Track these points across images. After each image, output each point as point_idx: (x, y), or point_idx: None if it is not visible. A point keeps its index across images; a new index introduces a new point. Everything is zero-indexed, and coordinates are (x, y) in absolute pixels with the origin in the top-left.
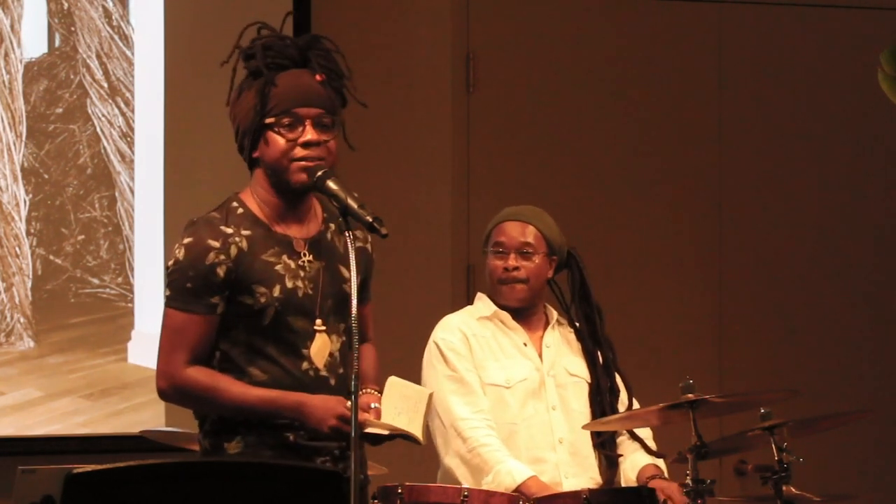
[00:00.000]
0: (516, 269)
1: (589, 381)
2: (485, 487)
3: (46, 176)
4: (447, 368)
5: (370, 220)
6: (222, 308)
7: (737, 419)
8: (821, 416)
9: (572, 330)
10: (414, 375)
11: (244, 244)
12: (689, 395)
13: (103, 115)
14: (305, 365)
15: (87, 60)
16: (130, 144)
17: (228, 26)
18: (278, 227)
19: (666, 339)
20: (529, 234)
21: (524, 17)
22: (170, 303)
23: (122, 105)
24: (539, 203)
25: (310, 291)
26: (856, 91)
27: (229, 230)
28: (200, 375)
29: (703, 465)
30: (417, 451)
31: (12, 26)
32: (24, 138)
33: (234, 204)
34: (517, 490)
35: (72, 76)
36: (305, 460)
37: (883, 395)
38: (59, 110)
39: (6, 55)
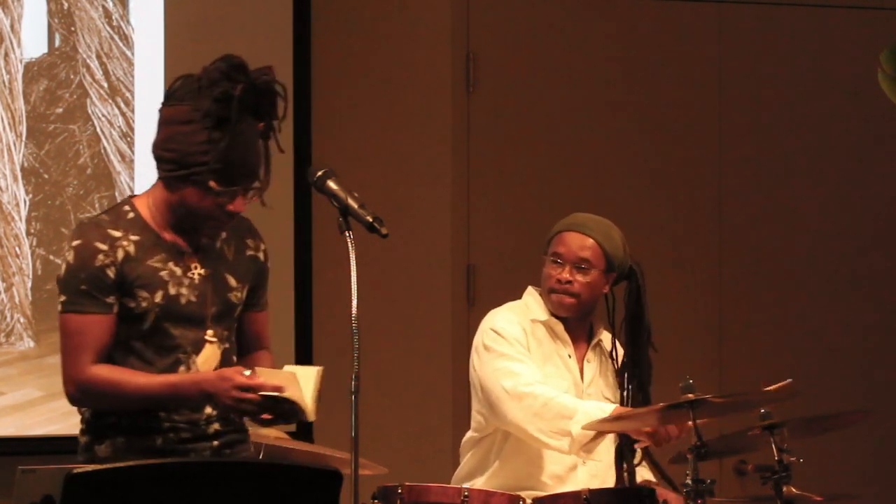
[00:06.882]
0: (569, 282)
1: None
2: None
3: (46, 176)
4: (508, 347)
5: (370, 219)
6: (117, 308)
7: (737, 419)
8: (821, 416)
9: (607, 349)
10: (413, 374)
11: (131, 248)
12: (689, 395)
13: (103, 115)
14: (183, 370)
15: (87, 60)
16: (130, 144)
17: (228, 26)
18: (167, 235)
19: (666, 339)
20: (588, 249)
21: (524, 17)
22: (67, 308)
23: (122, 105)
24: (539, 203)
25: (193, 299)
26: (856, 91)
27: (117, 233)
28: (104, 371)
29: (703, 465)
30: (417, 451)
31: (12, 26)
32: (24, 138)
33: (126, 208)
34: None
35: (72, 76)
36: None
37: (883, 395)
38: (59, 110)
39: (6, 55)
